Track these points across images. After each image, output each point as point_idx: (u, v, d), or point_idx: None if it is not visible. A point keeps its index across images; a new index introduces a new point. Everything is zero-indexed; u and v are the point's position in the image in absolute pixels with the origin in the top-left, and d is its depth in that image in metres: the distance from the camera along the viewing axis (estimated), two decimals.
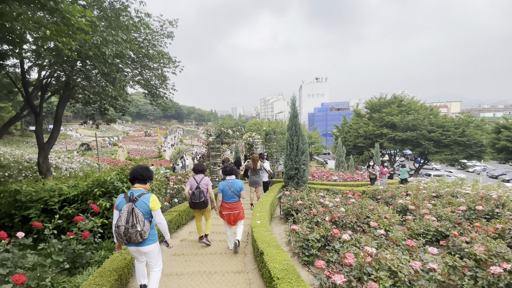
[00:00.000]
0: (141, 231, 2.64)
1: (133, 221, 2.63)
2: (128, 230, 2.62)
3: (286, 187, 7.81)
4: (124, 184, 4.33)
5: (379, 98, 33.15)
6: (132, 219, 2.64)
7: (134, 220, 2.63)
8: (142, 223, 2.66)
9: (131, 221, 2.63)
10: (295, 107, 7.92)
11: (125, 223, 2.63)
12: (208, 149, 10.80)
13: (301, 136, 7.82)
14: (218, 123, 11.70)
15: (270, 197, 6.38)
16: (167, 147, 53.80)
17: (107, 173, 4.42)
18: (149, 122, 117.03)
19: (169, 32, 11.74)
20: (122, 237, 2.66)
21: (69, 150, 43.04)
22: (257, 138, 12.36)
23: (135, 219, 2.64)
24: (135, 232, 2.62)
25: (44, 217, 4.46)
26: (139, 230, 2.63)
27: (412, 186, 9.07)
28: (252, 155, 7.27)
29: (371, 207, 5.43)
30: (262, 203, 5.65)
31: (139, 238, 2.66)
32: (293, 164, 7.71)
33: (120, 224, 2.64)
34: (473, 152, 26.72)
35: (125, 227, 2.62)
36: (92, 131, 74.35)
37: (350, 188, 8.04)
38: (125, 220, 2.64)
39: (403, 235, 4.09)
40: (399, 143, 29.66)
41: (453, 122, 27.72)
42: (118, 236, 2.69)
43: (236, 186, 4.38)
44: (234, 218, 4.35)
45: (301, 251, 3.66)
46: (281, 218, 5.79)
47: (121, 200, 2.80)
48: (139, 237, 2.65)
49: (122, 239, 2.69)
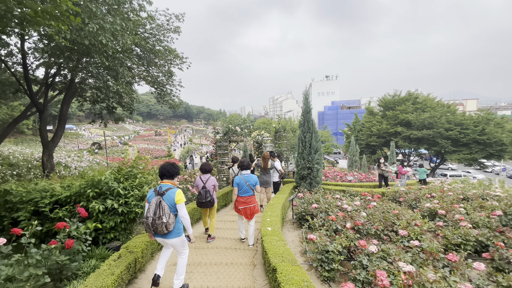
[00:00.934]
0: (166, 223, 2.83)
1: (159, 213, 2.84)
2: (155, 221, 2.82)
3: (298, 188, 7.26)
4: (121, 185, 3.90)
5: (393, 95, 31.99)
6: (159, 211, 2.84)
7: (160, 212, 2.84)
8: (167, 216, 2.85)
9: (158, 213, 2.83)
10: (308, 101, 7.35)
11: (153, 214, 2.85)
12: (215, 147, 10.36)
13: (314, 133, 7.25)
14: (226, 120, 11.22)
15: (281, 199, 5.86)
16: (177, 146, 53.93)
17: (101, 172, 4.01)
18: (160, 121, 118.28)
19: (175, 27, 11.35)
20: (149, 227, 2.88)
21: (81, 149, 43.72)
22: (266, 136, 11.82)
23: (162, 211, 2.84)
24: (161, 223, 2.81)
25: (35, 220, 4.08)
26: (165, 222, 2.82)
27: (435, 188, 8.36)
28: (263, 153, 6.77)
29: (396, 211, 4.82)
30: (272, 206, 5.12)
31: (165, 229, 2.84)
32: (305, 164, 7.15)
33: (148, 216, 2.87)
34: (494, 151, 25.34)
35: (152, 218, 2.84)
36: (105, 130, 75.65)
37: (368, 190, 7.41)
38: (153, 212, 2.85)
39: (438, 246, 3.49)
40: (414, 141, 28.49)
41: (472, 120, 26.36)
42: (146, 227, 2.92)
43: (252, 181, 4.52)
44: (251, 212, 4.47)
45: (319, 264, 3.13)
46: (293, 222, 5.25)
47: (151, 193, 3.02)
48: (164, 228, 2.84)
49: (149, 230, 2.91)
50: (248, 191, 4.49)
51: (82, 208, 3.16)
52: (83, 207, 3.71)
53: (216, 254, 4.25)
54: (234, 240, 4.84)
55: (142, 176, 4.16)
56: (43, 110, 9.56)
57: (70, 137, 57.49)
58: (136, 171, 4.15)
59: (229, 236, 5.10)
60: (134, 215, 3.92)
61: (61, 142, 48.94)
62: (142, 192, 3.94)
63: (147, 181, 4.17)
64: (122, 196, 3.78)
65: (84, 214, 3.13)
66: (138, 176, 4.01)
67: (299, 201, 5.39)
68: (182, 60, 12.03)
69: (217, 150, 10.04)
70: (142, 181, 4.06)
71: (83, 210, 3.15)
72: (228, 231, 5.47)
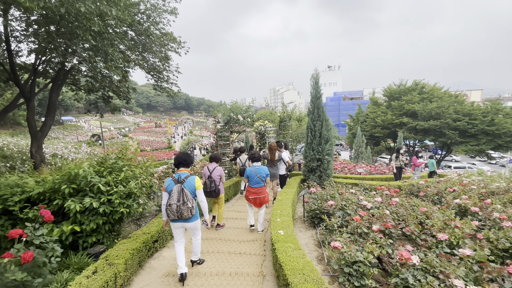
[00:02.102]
0: (191, 207, 3.02)
1: (183, 199, 2.99)
2: (180, 207, 2.97)
3: (306, 181, 6.63)
4: (102, 179, 3.26)
5: (399, 85, 31.05)
6: (183, 197, 3.00)
7: (185, 198, 3.00)
8: (191, 201, 3.03)
9: (181, 199, 2.98)
10: (318, 86, 6.64)
11: (176, 201, 2.98)
12: (216, 138, 9.69)
13: (325, 121, 6.57)
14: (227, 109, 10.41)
15: (289, 194, 5.23)
16: (177, 138, 53.32)
17: (79, 165, 3.36)
18: (160, 113, 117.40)
19: (172, 8, 10.54)
20: (174, 213, 3.00)
21: (80, 141, 43.16)
22: (269, 127, 11.13)
23: (186, 197, 3.00)
24: (187, 208, 2.98)
25: (5, 221, 3.48)
26: (190, 207, 3.00)
27: (454, 180, 7.72)
28: (269, 144, 6.11)
29: (424, 208, 4.19)
30: (281, 203, 4.50)
31: (189, 214, 3.02)
32: (315, 155, 6.49)
33: (172, 203, 2.99)
34: (503, 142, 24.62)
35: (177, 205, 2.97)
36: (105, 122, 74.97)
37: (384, 183, 6.77)
38: (177, 199, 2.99)
39: (487, 254, 2.86)
40: (420, 133, 27.74)
41: (481, 110, 25.53)
42: (170, 213, 3.02)
43: (262, 173, 4.64)
44: (260, 202, 4.61)
45: (346, 279, 2.51)
46: (304, 220, 4.62)
47: (169, 182, 3.14)
48: (189, 213, 3.01)
49: (174, 215, 3.01)
50: (258, 182, 4.60)
51: (47, 210, 2.51)
52: (58, 206, 3.09)
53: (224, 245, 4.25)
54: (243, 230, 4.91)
55: (129, 169, 3.50)
56: (31, 99, 8.87)
57: (69, 128, 56.88)
58: (122, 163, 3.49)
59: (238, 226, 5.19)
60: (120, 215, 3.30)
61: (60, 134, 48.35)
62: (129, 188, 3.30)
63: (135, 175, 3.50)
64: (104, 193, 3.15)
65: (48, 218, 2.49)
66: (124, 169, 3.35)
67: (310, 196, 4.76)
68: (180, 44, 11.25)
69: (217, 141, 9.38)
70: (129, 175, 3.40)
71: (47, 213, 2.50)
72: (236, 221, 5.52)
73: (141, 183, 3.40)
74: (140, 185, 3.41)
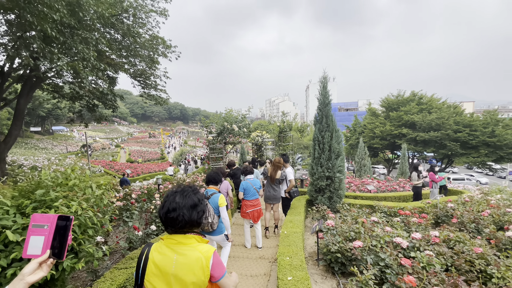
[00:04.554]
0: (212, 223, 3.17)
1: (206, 214, 3.02)
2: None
3: (315, 203, 5.56)
4: (19, 221, 2.08)
5: (397, 95, 30.62)
6: (206, 213, 2.38)
7: (207, 213, 3.07)
8: (212, 216, 3.18)
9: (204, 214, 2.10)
10: (327, 92, 5.68)
11: None
12: (208, 150, 8.61)
13: (335, 131, 5.57)
14: (221, 117, 9.36)
15: (297, 224, 4.15)
16: (171, 149, 51.92)
17: None
18: (155, 123, 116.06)
19: (162, 9, 9.67)
20: None
21: (70, 151, 41.50)
22: (267, 137, 10.11)
23: (208, 212, 3.10)
24: (207, 223, 3.15)
25: None
26: (210, 222, 3.15)
27: (479, 200, 6.73)
28: (274, 159, 5.09)
29: (479, 249, 3.15)
30: (289, 239, 3.41)
31: (210, 228, 3.20)
32: (324, 172, 5.45)
33: None
34: (504, 154, 24.02)
35: None
36: (97, 132, 73.12)
37: (405, 205, 5.72)
38: None
39: None
40: (420, 144, 27.09)
41: (481, 121, 25.06)
42: None
43: (257, 184, 4.71)
44: (258, 215, 4.61)
45: None
46: (318, 263, 3.47)
47: None
48: (210, 227, 3.19)
49: None
50: (255, 194, 4.64)
51: None
52: None
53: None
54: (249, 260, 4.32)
55: (67, 202, 2.31)
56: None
57: (59, 139, 55.13)
58: (59, 194, 2.34)
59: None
60: (43, 280, 2.12)
61: (49, 144, 46.55)
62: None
63: (76, 212, 2.34)
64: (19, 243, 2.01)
65: None
66: (58, 204, 2.18)
67: (327, 231, 3.67)
68: (170, 48, 10.32)
69: (210, 153, 8.30)
70: (63, 212, 2.22)
71: None
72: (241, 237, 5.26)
73: (86, 222, 2.28)
74: (84, 227, 2.28)
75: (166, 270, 1.32)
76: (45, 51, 4.58)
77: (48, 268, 1.04)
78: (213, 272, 1.35)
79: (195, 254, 1.34)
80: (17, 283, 0.95)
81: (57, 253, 1.07)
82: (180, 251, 1.35)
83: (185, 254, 1.34)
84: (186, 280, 1.30)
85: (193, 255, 1.33)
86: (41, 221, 1.06)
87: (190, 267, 1.31)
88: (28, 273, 0.97)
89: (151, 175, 22.49)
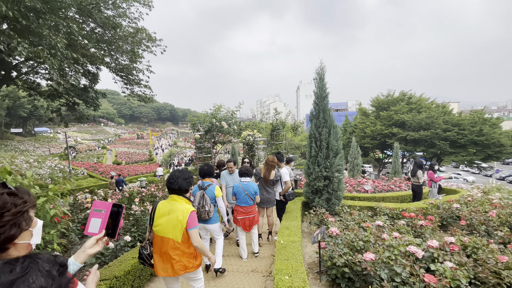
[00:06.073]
0: (208, 211, 3.44)
1: (203, 203, 3.44)
2: (199, 209, 3.42)
3: (311, 205, 5.09)
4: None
5: (387, 95, 30.71)
6: (203, 202, 3.45)
7: (203, 202, 3.44)
8: (209, 205, 3.45)
9: (201, 203, 3.45)
10: (324, 84, 5.22)
11: (198, 204, 3.45)
12: (195, 150, 8.03)
13: (333, 127, 5.13)
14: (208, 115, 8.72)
15: (294, 232, 3.66)
16: (159, 150, 50.69)
17: None
18: (143, 124, 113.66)
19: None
20: None
21: (53, 153, 39.82)
22: (258, 136, 9.61)
23: (205, 201, 3.45)
24: (204, 211, 3.42)
25: None
26: (207, 210, 3.43)
27: (480, 199, 6.43)
28: (267, 158, 4.56)
29: (504, 258, 2.74)
30: (287, 250, 2.91)
31: (207, 216, 3.45)
32: (321, 171, 4.98)
33: (194, 205, 3.36)
34: (492, 152, 24.36)
35: (197, 207, 3.43)
36: (83, 133, 70.78)
37: (407, 206, 5.33)
38: (198, 202, 3.46)
39: None
40: (411, 143, 27.22)
41: (469, 120, 25.38)
42: None
43: (251, 190, 4.17)
44: (250, 223, 4.19)
45: None
46: (320, 276, 2.96)
47: (195, 188, 3.69)
48: (206, 215, 3.44)
49: None
50: (247, 201, 4.14)
51: None
52: None
53: None
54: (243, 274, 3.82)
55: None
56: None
57: (42, 140, 52.96)
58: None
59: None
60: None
61: (31, 146, 44.54)
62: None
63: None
64: None
65: None
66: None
67: (329, 240, 3.18)
68: (155, 42, 9.68)
69: (197, 153, 7.72)
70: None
71: None
72: None
73: None
74: None
75: (165, 213, 2.31)
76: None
77: (102, 244, 1.27)
78: (188, 221, 2.26)
79: (181, 206, 2.30)
80: (80, 253, 1.20)
81: (111, 233, 1.32)
82: (173, 204, 2.33)
83: (176, 206, 2.31)
84: (174, 220, 2.26)
85: (180, 207, 2.30)
86: (100, 207, 1.30)
87: (177, 213, 2.27)
88: (89, 247, 1.22)
89: (138, 177, 21.63)
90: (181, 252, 2.27)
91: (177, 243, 2.25)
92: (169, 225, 2.25)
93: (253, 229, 4.29)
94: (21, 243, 0.95)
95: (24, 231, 0.96)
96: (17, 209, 0.93)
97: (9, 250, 0.93)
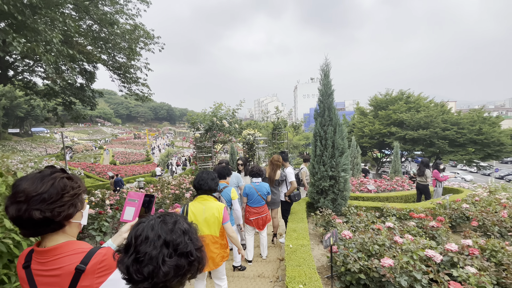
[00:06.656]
0: None
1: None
2: None
3: (317, 206, 4.93)
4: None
5: (385, 94, 30.66)
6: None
7: None
8: None
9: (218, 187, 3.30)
10: (329, 80, 5.06)
11: None
12: (195, 150, 7.84)
13: (339, 126, 4.96)
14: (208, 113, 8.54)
15: (301, 234, 3.50)
16: (157, 149, 50.33)
17: None
18: (140, 124, 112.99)
19: None
20: None
21: (49, 154, 39.36)
22: (258, 136, 9.43)
23: None
24: None
25: None
26: None
27: (488, 199, 6.31)
28: (271, 157, 4.40)
29: None
30: (297, 255, 2.75)
31: None
32: (327, 171, 4.82)
33: None
34: (492, 151, 24.37)
35: None
36: (80, 133, 70.10)
37: (415, 206, 5.19)
38: None
39: None
40: (409, 142, 27.19)
41: (468, 119, 25.38)
42: None
43: (263, 190, 4.19)
44: (263, 222, 4.21)
45: None
46: (330, 280, 2.81)
47: None
48: None
49: None
50: (259, 201, 4.17)
51: None
52: None
53: None
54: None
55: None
56: None
57: (38, 140, 52.35)
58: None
59: None
60: None
61: (28, 147, 43.95)
62: None
63: None
64: None
65: None
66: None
67: (341, 243, 3.02)
68: (153, 39, 9.47)
69: (197, 153, 7.53)
70: None
71: None
72: None
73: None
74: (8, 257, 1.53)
75: (200, 213, 2.57)
76: None
77: None
78: (224, 216, 2.59)
79: (215, 204, 2.61)
80: (117, 236, 1.34)
81: None
82: (206, 204, 2.61)
83: (209, 204, 2.60)
84: (210, 218, 2.56)
85: (214, 205, 2.61)
86: (133, 197, 1.50)
87: (212, 211, 2.57)
88: (125, 231, 1.35)
89: (136, 177, 21.36)
90: (219, 245, 2.64)
91: (215, 238, 2.59)
92: (206, 223, 2.56)
93: (263, 232, 4.26)
94: (74, 222, 1.10)
95: (78, 211, 1.09)
96: (74, 191, 1.07)
97: (65, 228, 1.07)
